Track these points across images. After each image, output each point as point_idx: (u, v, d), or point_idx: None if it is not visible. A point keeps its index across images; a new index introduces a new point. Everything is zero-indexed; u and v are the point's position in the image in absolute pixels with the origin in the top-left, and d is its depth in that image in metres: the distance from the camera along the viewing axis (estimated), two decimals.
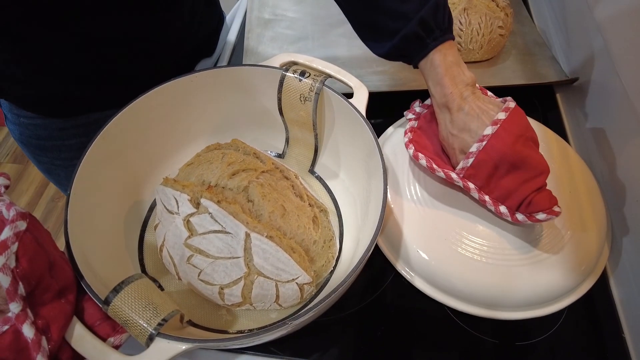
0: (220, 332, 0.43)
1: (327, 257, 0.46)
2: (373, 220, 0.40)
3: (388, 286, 0.50)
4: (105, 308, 0.33)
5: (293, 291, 0.42)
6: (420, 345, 0.46)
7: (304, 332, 0.46)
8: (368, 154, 0.45)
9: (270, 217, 0.43)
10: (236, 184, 0.44)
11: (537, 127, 0.57)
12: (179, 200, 0.43)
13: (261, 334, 0.33)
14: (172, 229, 0.43)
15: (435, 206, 0.50)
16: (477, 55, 0.67)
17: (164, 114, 0.50)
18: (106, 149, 0.44)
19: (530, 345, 0.46)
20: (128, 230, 0.48)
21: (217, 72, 0.51)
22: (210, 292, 0.42)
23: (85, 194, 0.41)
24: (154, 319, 0.33)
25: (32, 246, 0.31)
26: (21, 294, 0.30)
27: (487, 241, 0.47)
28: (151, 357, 0.31)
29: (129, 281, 0.35)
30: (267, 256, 0.40)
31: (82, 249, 0.37)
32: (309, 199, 0.47)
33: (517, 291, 0.45)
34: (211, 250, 0.41)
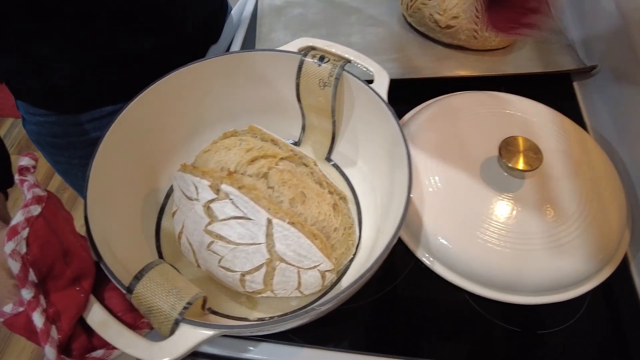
0: (241, 319, 0.43)
1: (347, 244, 0.45)
2: (397, 209, 0.39)
3: (408, 274, 0.49)
4: (128, 296, 0.33)
5: (315, 278, 0.41)
6: (441, 333, 0.46)
7: (322, 320, 0.45)
8: (391, 143, 0.44)
9: (291, 203, 0.42)
10: (255, 171, 0.44)
11: (553, 115, 0.56)
12: (199, 186, 0.42)
13: (288, 320, 0.32)
14: (192, 215, 0.42)
15: (454, 193, 0.49)
16: (494, 43, 0.66)
17: (180, 100, 0.49)
18: (123, 134, 0.44)
19: (552, 333, 0.45)
20: (145, 217, 0.47)
21: (233, 57, 0.50)
22: (230, 279, 0.41)
23: (103, 179, 0.41)
24: (178, 304, 0.32)
25: (44, 232, 0.31)
26: (32, 280, 0.30)
27: (507, 226, 0.46)
28: (177, 344, 0.31)
29: (149, 267, 0.35)
30: (289, 242, 0.40)
31: (104, 236, 0.37)
32: (328, 186, 0.46)
33: (537, 276, 0.45)
34: (232, 237, 0.40)
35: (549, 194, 0.48)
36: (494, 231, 0.46)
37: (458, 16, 0.64)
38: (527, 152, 0.47)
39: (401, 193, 0.39)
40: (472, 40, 0.65)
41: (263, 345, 0.45)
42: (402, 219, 0.36)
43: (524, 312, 0.46)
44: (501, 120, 0.55)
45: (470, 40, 0.65)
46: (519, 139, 0.48)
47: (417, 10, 0.68)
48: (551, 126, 0.54)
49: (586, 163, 0.51)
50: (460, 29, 0.64)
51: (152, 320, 0.33)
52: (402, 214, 0.37)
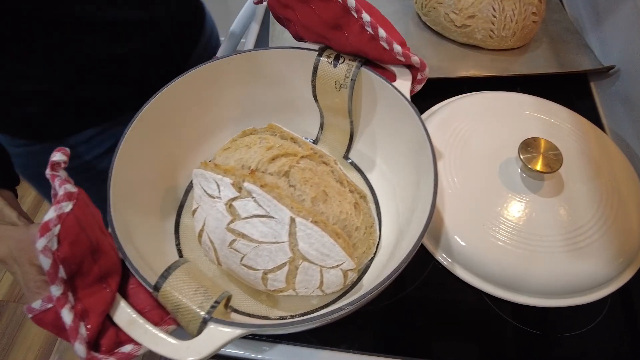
0: (262, 317, 0.43)
1: (368, 243, 0.45)
2: (422, 211, 0.38)
3: (426, 276, 0.49)
4: (155, 294, 0.33)
5: (337, 277, 0.41)
6: (460, 336, 0.45)
7: (340, 321, 0.45)
8: (415, 142, 0.43)
9: (313, 202, 0.42)
10: (276, 169, 0.44)
11: (571, 116, 0.56)
12: (221, 184, 0.42)
13: (317, 319, 0.32)
14: (213, 213, 0.42)
15: (473, 194, 0.49)
16: (509, 43, 0.66)
17: (198, 98, 0.49)
18: (142, 132, 0.43)
19: (574, 336, 0.45)
20: (164, 214, 0.47)
21: (250, 55, 0.50)
22: (252, 277, 0.41)
23: (124, 178, 0.41)
24: (206, 302, 0.32)
25: (75, 229, 0.30)
26: (62, 277, 0.30)
27: (526, 228, 0.46)
28: (205, 343, 0.31)
29: (176, 265, 0.34)
30: (312, 241, 0.40)
31: (128, 234, 0.37)
32: (349, 184, 0.46)
33: (556, 278, 0.45)
34: (255, 235, 0.40)
35: (568, 195, 0.48)
36: (513, 233, 0.46)
37: (474, 15, 0.63)
38: (547, 153, 0.47)
39: (426, 196, 0.39)
40: (488, 39, 0.65)
41: (279, 347, 0.45)
42: (427, 222, 0.36)
43: (545, 315, 0.46)
44: (519, 121, 0.55)
45: (486, 40, 0.65)
46: (539, 141, 0.48)
47: (432, 9, 0.68)
48: (569, 127, 0.54)
49: (605, 165, 0.51)
50: (476, 29, 0.64)
51: (180, 318, 0.32)
52: (428, 214, 0.36)
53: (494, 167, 0.50)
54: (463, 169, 0.51)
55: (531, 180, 0.49)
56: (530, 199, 0.48)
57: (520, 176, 0.49)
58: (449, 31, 0.67)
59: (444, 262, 0.48)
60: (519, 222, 0.47)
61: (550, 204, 0.47)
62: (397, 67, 0.47)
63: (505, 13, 0.63)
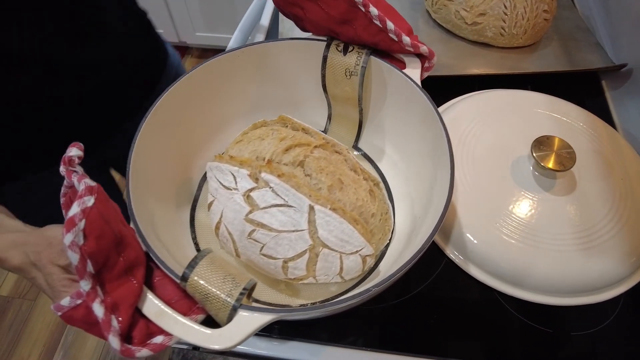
0: (283, 306, 0.43)
1: (383, 229, 0.45)
2: (439, 201, 0.39)
3: (438, 274, 0.49)
4: (183, 285, 0.33)
5: (356, 263, 0.41)
6: (472, 334, 0.46)
7: (354, 319, 0.46)
8: (428, 130, 0.44)
9: (330, 190, 0.42)
10: (291, 159, 0.44)
11: (583, 114, 0.56)
12: (237, 175, 0.42)
13: (347, 301, 0.32)
14: (231, 204, 0.42)
15: (485, 192, 0.49)
16: (520, 41, 0.65)
17: (209, 91, 0.49)
18: (156, 126, 0.43)
19: (585, 335, 0.45)
20: (180, 208, 0.47)
21: (260, 47, 0.50)
22: (273, 267, 0.41)
23: (141, 172, 0.41)
24: (235, 290, 0.32)
25: (99, 223, 0.30)
26: (90, 271, 0.30)
27: (538, 226, 0.46)
28: (236, 330, 0.31)
29: (202, 255, 0.35)
30: (332, 228, 0.40)
31: (151, 226, 0.37)
32: (362, 172, 0.47)
33: (568, 277, 0.45)
34: (274, 224, 0.40)
35: (581, 194, 0.48)
36: (525, 231, 0.46)
37: (485, 13, 0.63)
38: (560, 151, 0.47)
39: (442, 187, 0.39)
40: (499, 37, 0.65)
41: (291, 343, 0.45)
42: (442, 213, 0.37)
43: (557, 313, 0.46)
44: (531, 119, 0.55)
45: (497, 38, 0.65)
46: (552, 139, 0.48)
47: (442, 7, 0.67)
48: (582, 126, 0.54)
49: (618, 163, 0.51)
50: (487, 26, 0.64)
51: (209, 307, 0.33)
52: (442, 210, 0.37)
53: (506, 165, 0.51)
54: (475, 166, 0.51)
55: (543, 179, 0.49)
56: (542, 197, 0.48)
57: (533, 174, 0.49)
58: (459, 29, 0.67)
59: (456, 259, 0.49)
60: (531, 220, 0.47)
61: (562, 202, 0.48)
62: (406, 56, 0.47)
63: (517, 10, 0.63)
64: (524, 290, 0.46)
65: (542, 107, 0.56)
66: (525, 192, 0.48)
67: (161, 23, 1.85)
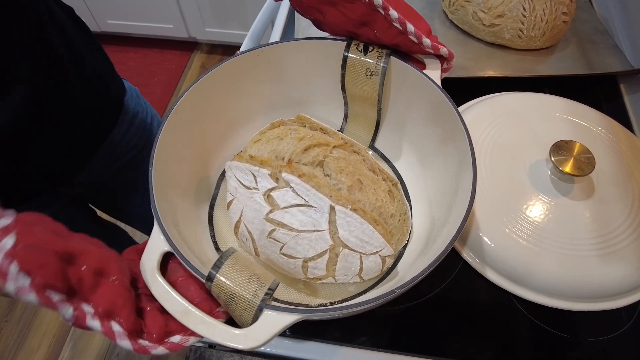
0: (302, 305, 0.43)
1: (402, 230, 0.46)
2: (461, 206, 0.39)
3: (454, 277, 0.49)
4: (208, 285, 0.33)
5: (376, 264, 0.42)
6: (487, 337, 0.46)
7: (367, 320, 0.47)
8: (449, 131, 0.44)
9: (349, 190, 0.43)
10: (311, 159, 0.44)
11: (602, 118, 0.56)
12: (257, 175, 0.43)
13: (372, 302, 0.32)
14: (251, 204, 0.43)
15: (501, 194, 0.49)
16: (538, 43, 0.65)
17: (228, 90, 0.50)
18: (178, 125, 0.44)
19: (602, 341, 0.45)
20: (198, 206, 0.48)
21: (278, 47, 0.50)
22: (292, 266, 0.41)
23: (163, 171, 0.41)
24: (260, 290, 0.33)
25: (33, 255, 0.28)
26: (59, 299, 0.29)
27: (555, 230, 0.46)
28: (262, 330, 0.31)
29: (227, 255, 0.35)
30: (352, 229, 0.40)
31: (175, 226, 0.37)
32: (381, 172, 0.47)
33: (585, 282, 0.45)
34: (294, 224, 0.41)
35: (599, 199, 0.48)
36: (542, 235, 0.46)
37: (503, 15, 0.63)
38: (579, 156, 0.47)
39: (464, 190, 0.39)
40: (517, 39, 0.64)
41: (307, 343, 0.46)
42: (467, 210, 0.37)
43: (573, 318, 0.46)
44: (549, 122, 0.55)
45: (515, 40, 0.64)
46: (571, 143, 0.48)
47: (460, 8, 0.67)
48: (601, 130, 0.54)
49: (638, 168, 0.51)
50: (504, 28, 0.63)
51: (234, 307, 0.33)
52: (467, 207, 0.37)
53: (523, 169, 0.51)
54: (492, 169, 0.51)
55: (561, 183, 0.49)
56: (559, 201, 0.48)
57: (550, 178, 0.49)
58: (477, 30, 0.66)
59: (472, 262, 0.49)
60: (548, 224, 0.47)
61: (580, 207, 0.47)
62: (426, 56, 0.47)
63: (536, 12, 0.62)
64: (541, 295, 0.46)
65: (560, 110, 0.56)
66: (543, 196, 0.48)
67: (171, 18, 1.85)
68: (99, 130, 0.60)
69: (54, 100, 0.52)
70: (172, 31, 1.92)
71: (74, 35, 0.54)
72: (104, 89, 0.60)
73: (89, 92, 0.56)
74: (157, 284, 0.33)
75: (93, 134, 0.60)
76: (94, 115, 0.59)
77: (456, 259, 0.50)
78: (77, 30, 0.55)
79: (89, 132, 0.59)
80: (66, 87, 0.53)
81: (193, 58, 2.03)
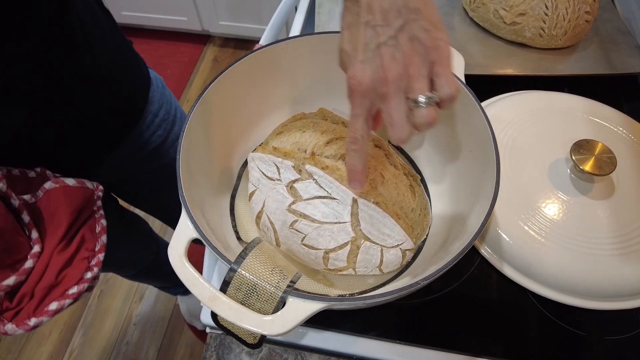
0: (322, 296, 0.43)
1: (422, 225, 0.46)
2: (483, 204, 0.39)
3: (473, 272, 0.50)
4: (231, 275, 0.34)
5: (396, 257, 0.42)
6: (504, 333, 0.46)
7: (389, 313, 0.47)
8: (472, 127, 0.44)
9: (371, 184, 0.43)
10: (333, 152, 0.45)
11: (622, 118, 0.55)
12: (281, 166, 0.43)
13: (395, 294, 0.33)
14: (273, 195, 0.43)
15: (520, 192, 0.49)
16: (559, 42, 0.64)
17: (251, 83, 0.50)
18: (204, 114, 0.44)
19: (620, 340, 0.45)
20: (222, 195, 0.48)
21: (301, 41, 0.50)
22: (313, 257, 0.42)
23: (189, 159, 0.41)
24: (282, 282, 0.33)
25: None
26: None
27: (574, 228, 0.46)
28: (289, 317, 0.32)
29: (252, 245, 0.35)
30: (374, 222, 0.41)
31: (203, 214, 0.38)
32: (403, 167, 0.47)
33: (604, 281, 0.45)
34: (317, 216, 0.41)
35: (619, 199, 0.48)
36: (560, 232, 0.46)
37: (525, 13, 0.62)
38: (601, 156, 0.47)
39: (486, 188, 0.39)
40: (538, 38, 0.64)
41: (326, 333, 0.46)
42: (490, 207, 0.37)
43: (591, 316, 0.46)
44: (569, 122, 0.55)
45: (536, 39, 0.64)
46: (592, 143, 0.48)
47: (480, 5, 0.67)
48: (622, 130, 0.54)
49: None
50: (526, 26, 0.63)
51: (254, 299, 0.33)
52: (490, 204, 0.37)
53: (543, 167, 0.51)
54: (511, 166, 0.51)
55: (581, 182, 0.49)
56: (579, 200, 0.48)
57: (570, 177, 0.49)
58: (497, 28, 0.66)
59: (490, 258, 0.49)
60: (567, 222, 0.47)
61: (600, 207, 0.48)
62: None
63: (558, 11, 0.62)
64: (558, 292, 0.46)
65: (580, 110, 0.56)
66: (562, 195, 0.48)
67: (185, 11, 1.85)
68: (125, 122, 0.61)
69: (84, 89, 0.52)
70: (186, 24, 1.92)
71: (104, 24, 0.55)
72: (131, 80, 0.61)
73: (117, 84, 0.57)
74: (186, 270, 0.34)
75: (119, 126, 0.60)
76: (122, 107, 0.59)
77: (474, 254, 0.50)
78: (106, 20, 0.56)
79: (116, 124, 0.60)
80: (98, 78, 0.53)
81: (206, 51, 2.04)
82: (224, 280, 0.34)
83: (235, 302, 0.33)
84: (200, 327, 1.25)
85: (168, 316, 1.33)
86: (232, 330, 0.35)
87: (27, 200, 0.47)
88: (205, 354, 0.46)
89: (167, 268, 1.03)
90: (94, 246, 0.51)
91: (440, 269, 0.33)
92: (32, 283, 0.45)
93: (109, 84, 0.55)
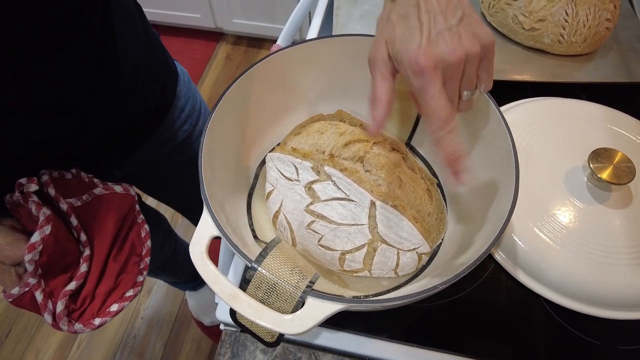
0: (337, 296, 0.44)
1: (438, 229, 0.46)
2: (501, 210, 0.39)
3: (487, 277, 0.50)
4: (251, 274, 0.34)
5: (412, 260, 0.42)
6: (517, 340, 0.46)
7: (401, 315, 0.47)
8: (490, 132, 0.44)
9: (389, 187, 0.43)
10: (351, 154, 0.45)
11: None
12: (299, 167, 0.44)
13: (413, 297, 0.33)
14: (291, 195, 0.44)
15: (536, 199, 0.49)
16: (579, 49, 0.64)
17: (271, 84, 0.50)
18: (225, 113, 0.45)
19: (634, 350, 0.45)
20: (239, 194, 0.49)
21: (322, 43, 0.51)
22: (329, 258, 0.42)
23: (210, 158, 0.42)
24: (301, 282, 0.34)
25: (52, 245, 0.43)
26: (39, 274, 0.44)
27: (590, 237, 0.46)
28: (308, 316, 0.32)
29: (272, 245, 0.36)
30: (391, 225, 0.41)
31: (223, 212, 0.38)
32: (420, 171, 0.47)
33: (619, 290, 0.45)
34: (334, 217, 0.41)
35: (637, 208, 0.48)
36: (575, 240, 0.46)
37: (545, 19, 0.62)
38: (619, 164, 0.47)
39: (504, 195, 0.40)
40: (556, 44, 0.64)
41: (340, 334, 0.47)
42: (509, 214, 0.37)
43: (605, 325, 0.46)
44: (587, 129, 0.55)
45: (554, 45, 0.64)
46: (611, 151, 0.48)
47: (499, 10, 0.67)
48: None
49: None
50: (545, 32, 0.63)
51: (274, 298, 0.34)
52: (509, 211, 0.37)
53: (559, 174, 0.51)
54: (528, 172, 0.51)
55: (598, 191, 0.49)
56: (595, 208, 0.48)
57: (587, 185, 0.49)
58: (516, 33, 0.66)
59: (505, 263, 0.49)
60: (583, 231, 0.47)
61: (617, 216, 0.47)
62: None
63: (579, 18, 0.62)
64: (572, 300, 0.46)
65: (599, 118, 0.56)
66: (578, 202, 0.48)
67: (199, 8, 1.86)
68: (155, 117, 0.62)
69: (120, 90, 0.52)
70: (199, 21, 1.93)
71: (136, 19, 0.55)
72: (161, 75, 0.61)
73: (149, 80, 0.57)
74: (207, 268, 0.34)
75: (149, 121, 0.61)
76: (152, 103, 0.60)
77: (488, 259, 0.50)
78: (138, 14, 0.56)
79: (146, 120, 0.60)
80: (133, 76, 0.53)
81: (218, 48, 2.05)
82: (244, 278, 0.34)
83: (255, 300, 0.33)
84: (208, 322, 1.26)
85: (175, 311, 1.34)
86: (250, 328, 0.36)
87: (72, 203, 0.49)
88: (220, 350, 0.46)
89: (183, 264, 1.04)
90: (141, 251, 0.55)
91: (459, 274, 0.34)
92: (92, 286, 0.49)
93: (142, 81, 0.56)
